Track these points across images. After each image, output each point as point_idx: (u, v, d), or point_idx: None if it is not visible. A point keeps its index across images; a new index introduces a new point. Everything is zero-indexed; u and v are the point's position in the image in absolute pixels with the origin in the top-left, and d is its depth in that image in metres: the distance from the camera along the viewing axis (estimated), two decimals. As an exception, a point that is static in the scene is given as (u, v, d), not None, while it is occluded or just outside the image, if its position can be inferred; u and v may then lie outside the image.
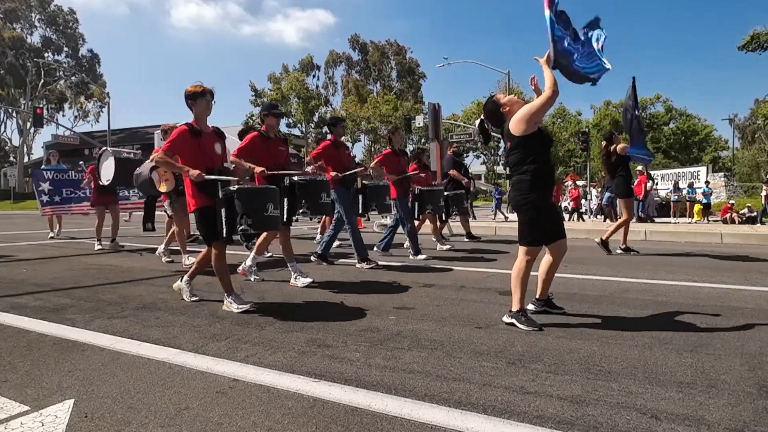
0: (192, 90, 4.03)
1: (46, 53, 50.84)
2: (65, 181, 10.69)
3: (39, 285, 5.09)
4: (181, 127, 4.00)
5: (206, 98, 4.04)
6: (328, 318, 3.70)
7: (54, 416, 2.07)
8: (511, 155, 3.60)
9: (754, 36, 25.64)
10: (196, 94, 4.02)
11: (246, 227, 3.85)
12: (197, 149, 3.98)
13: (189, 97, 4.02)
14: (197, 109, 4.04)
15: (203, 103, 4.03)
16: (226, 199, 3.82)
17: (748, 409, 2.10)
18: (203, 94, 4.02)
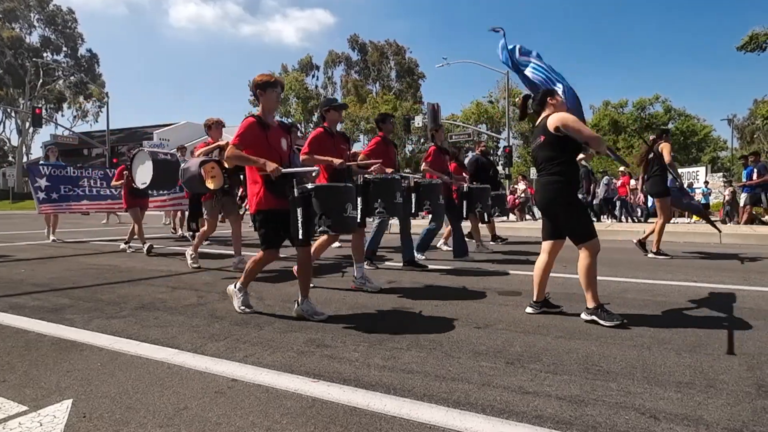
0: (262, 79, 3.73)
1: (45, 53, 50.78)
2: (63, 177, 10.19)
3: (37, 285, 5.09)
4: (248, 120, 3.70)
5: (276, 90, 3.75)
6: (326, 318, 3.70)
7: (52, 416, 2.06)
8: (542, 151, 3.62)
9: (753, 36, 25.68)
10: (266, 84, 3.71)
11: (325, 228, 3.60)
12: (265, 143, 3.66)
13: (258, 87, 3.71)
14: (265, 101, 3.74)
15: (273, 95, 3.74)
16: (303, 198, 3.53)
17: (746, 409, 2.10)
18: (274, 85, 3.72)
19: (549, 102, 3.72)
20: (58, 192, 10.02)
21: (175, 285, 5.12)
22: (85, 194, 10.42)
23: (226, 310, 3.94)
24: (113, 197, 10.67)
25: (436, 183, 6.38)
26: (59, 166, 10.35)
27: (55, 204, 9.99)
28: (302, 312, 3.70)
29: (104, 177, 10.80)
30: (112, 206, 11.19)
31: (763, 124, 39.33)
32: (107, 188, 10.64)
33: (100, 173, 10.90)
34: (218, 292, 4.72)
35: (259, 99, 3.77)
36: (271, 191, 3.60)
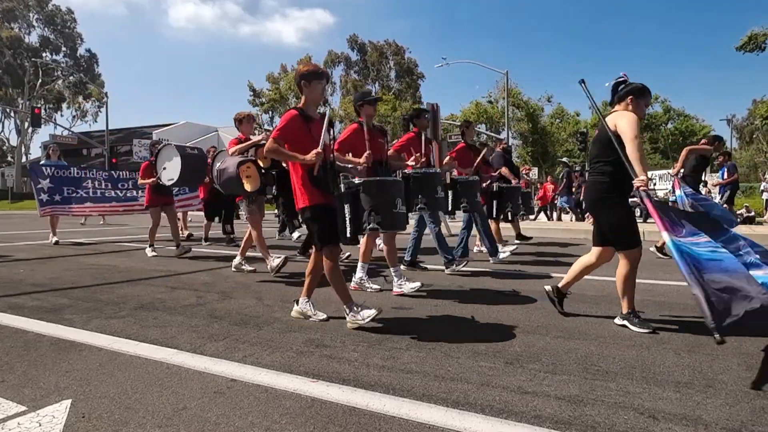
0: (308, 70, 3.53)
1: (44, 53, 50.71)
2: (66, 178, 9.71)
3: (37, 285, 5.08)
4: (290, 112, 3.50)
5: (322, 82, 3.56)
6: (326, 319, 3.70)
7: (51, 416, 2.06)
8: (594, 146, 3.56)
9: (752, 37, 25.68)
10: (312, 75, 3.51)
11: (375, 226, 3.41)
12: (308, 137, 3.43)
13: (303, 78, 3.52)
14: (310, 93, 3.54)
15: (318, 87, 3.55)
16: (350, 194, 3.36)
17: (745, 409, 2.10)
18: (320, 76, 3.53)
19: (627, 101, 3.49)
20: (61, 194, 9.60)
21: (174, 285, 5.12)
22: (88, 196, 9.97)
23: (225, 310, 3.94)
24: (118, 199, 10.33)
25: (474, 180, 6.14)
26: (62, 166, 9.92)
27: (57, 206, 9.57)
28: (301, 312, 3.67)
29: (108, 178, 10.45)
30: (116, 209, 10.67)
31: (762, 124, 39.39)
32: (112, 190, 10.30)
33: (104, 174, 10.54)
34: (217, 292, 4.72)
35: (302, 90, 3.57)
36: (316, 185, 3.38)
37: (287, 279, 5.51)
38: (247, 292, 4.73)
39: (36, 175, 9.46)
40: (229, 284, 5.15)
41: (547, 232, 11.51)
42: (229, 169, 5.28)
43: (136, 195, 10.26)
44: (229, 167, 5.29)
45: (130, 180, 10.47)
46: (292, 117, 3.46)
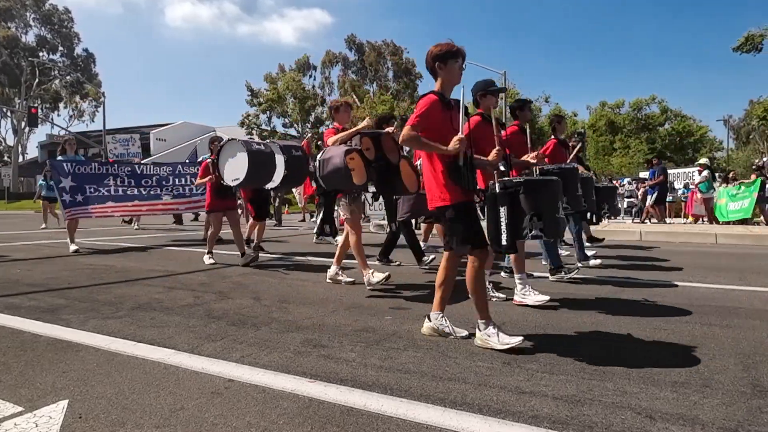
0: (442, 50, 3.11)
1: (41, 52, 50.54)
2: (88, 175, 8.59)
3: (33, 285, 5.07)
4: (429, 97, 3.11)
5: (458, 61, 3.14)
6: (323, 318, 3.70)
7: (48, 417, 2.06)
8: None
9: (749, 37, 25.76)
10: (447, 55, 3.11)
11: (538, 233, 2.98)
12: (448, 125, 3.07)
13: (438, 59, 3.11)
14: (446, 75, 3.14)
15: (455, 68, 3.13)
16: (508, 195, 2.96)
17: (741, 409, 2.11)
18: (456, 55, 3.11)
19: None
20: (83, 193, 8.49)
21: (172, 285, 5.11)
22: (110, 194, 8.86)
23: (222, 311, 3.93)
24: (141, 197, 9.32)
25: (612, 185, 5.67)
26: (82, 162, 8.83)
27: (80, 207, 8.45)
28: (435, 329, 3.22)
29: (131, 174, 9.33)
30: (139, 209, 9.60)
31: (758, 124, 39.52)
32: (135, 187, 9.26)
33: (127, 170, 9.38)
34: (215, 292, 4.71)
35: (437, 74, 3.16)
36: (458, 182, 2.99)
37: (283, 279, 5.50)
38: (245, 292, 4.73)
39: (57, 172, 8.37)
40: (226, 284, 5.14)
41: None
42: (334, 160, 4.55)
43: (159, 193, 9.45)
44: (335, 157, 4.56)
45: (154, 176, 9.55)
46: (432, 102, 3.06)
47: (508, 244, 2.97)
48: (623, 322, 3.53)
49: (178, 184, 9.68)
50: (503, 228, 2.95)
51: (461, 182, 2.97)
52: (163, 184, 9.54)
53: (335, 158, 4.52)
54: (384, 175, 4.80)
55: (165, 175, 9.63)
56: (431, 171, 3.12)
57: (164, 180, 9.58)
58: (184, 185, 9.72)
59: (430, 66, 3.19)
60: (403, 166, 4.89)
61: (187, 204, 9.78)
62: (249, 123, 44.30)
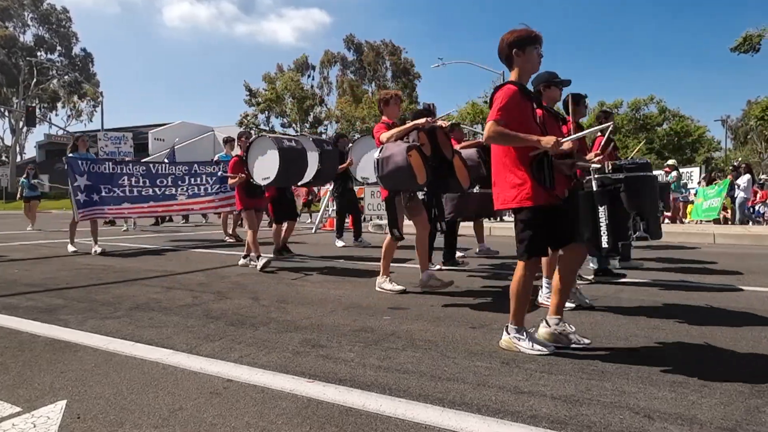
0: (520, 35, 2.86)
1: (39, 52, 50.45)
2: (102, 174, 8.22)
3: (31, 285, 5.06)
4: (509, 87, 2.84)
5: (537, 48, 2.91)
6: (322, 318, 3.70)
7: (46, 417, 2.05)
8: None
9: (747, 38, 25.81)
10: (526, 40, 2.86)
11: (643, 234, 2.80)
12: (530, 118, 2.87)
13: (515, 45, 2.85)
14: (524, 62, 2.90)
15: (534, 55, 2.90)
16: (607, 193, 2.75)
17: (740, 408, 2.11)
18: (534, 41, 2.88)
19: None
20: (99, 193, 8.11)
21: (170, 285, 5.10)
22: (125, 195, 8.48)
23: (221, 311, 3.93)
24: (156, 198, 8.93)
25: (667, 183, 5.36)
26: (97, 160, 8.51)
27: (96, 207, 8.08)
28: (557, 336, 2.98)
29: (146, 173, 8.95)
30: (154, 209, 9.39)
31: (756, 124, 39.55)
32: (150, 187, 8.88)
33: (141, 169, 8.98)
34: (213, 292, 4.71)
35: (513, 62, 2.89)
36: (540, 182, 2.77)
37: (281, 279, 5.50)
38: (243, 292, 4.72)
39: (72, 170, 7.92)
40: (225, 284, 5.14)
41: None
42: (396, 158, 4.18)
43: (174, 193, 9.07)
44: (396, 155, 4.19)
45: (169, 176, 9.14)
46: (513, 93, 2.81)
47: (609, 246, 2.73)
48: (621, 322, 3.54)
49: (193, 184, 9.31)
50: (603, 229, 2.71)
51: (544, 183, 2.77)
52: (178, 183, 9.13)
53: (397, 156, 4.18)
54: (438, 172, 4.52)
55: (180, 175, 9.23)
56: (508, 166, 2.85)
57: (179, 179, 9.19)
58: (200, 185, 9.36)
59: (506, 54, 2.91)
60: (455, 161, 4.70)
61: (202, 204, 9.41)
62: (247, 123, 44.31)
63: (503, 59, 2.95)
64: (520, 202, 2.81)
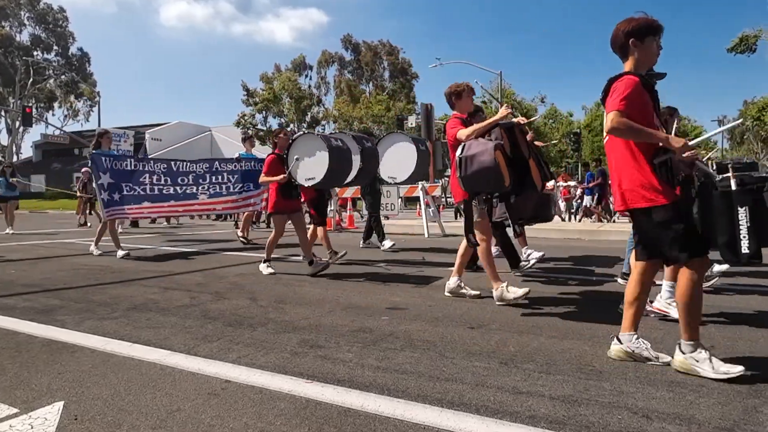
0: (640, 24, 2.67)
1: (36, 52, 50.34)
2: (124, 172, 7.79)
3: (28, 286, 5.04)
4: (631, 78, 2.62)
5: (657, 39, 2.71)
6: (320, 319, 3.69)
7: (43, 419, 2.05)
8: None
9: (743, 38, 25.93)
10: (646, 30, 2.67)
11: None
12: (653, 114, 2.66)
13: (634, 35, 2.67)
14: (642, 54, 2.70)
15: (652, 46, 2.70)
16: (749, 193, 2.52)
17: (737, 408, 2.12)
18: (656, 31, 2.69)
19: None
20: (120, 191, 7.73)
21: (168, 286, 5.09)
22: (146, 194, 8.03)
23: (219, 311, 3.92)
24: (176, 197, 8.45)
25: None
26: (119, 157, 8.06)
27: (118, 207, 7.67)
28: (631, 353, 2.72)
29: (167, 171, 8.44)
30: (174, 209, 8.89)
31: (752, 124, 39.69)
32: (171, 186, 8.38)
33: (162, 167, 8.47)
34: (211, 292, 4.70)
35: (629, 52, 2.71)
36: (668, 179, 2.57)
37: (278, 279, 5.50)
38: (241, 292, 4.72)
39: (96, 167, 7.55)
40: (222, 285, 5.13)
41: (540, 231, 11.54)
42: (482, 157, 3.80)
43: (195, 192, 8.58)
44: (483, 154, 3.81)
45: (190, 174, 8.63)
46: (636, 84, 2.59)
47: (751, 252, 2.49)
48: (619, 323, 3.54)
49: (214, 182, 8.79)
50: (743, 233, 2.48)
51: (670, 180, 2.57)
52: (199, 182, 8.63)
53: (484, 156, 3.79)
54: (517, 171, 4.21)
55: (201, 173, 8.74)
56: (632, 164, 2.64)
57: (201, 178, 8.69)
58: (221, 183, 8.85)
59: (621, 42, 2.71)
60: (531, 161, 4.42)
61: (224, 204, 8.91)
62: (245, 123, 44.25)
63: (617, 49, 2.77)
64: (656, 201, 2.57)
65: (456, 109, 4.51)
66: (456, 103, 4.48)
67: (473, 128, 4.11)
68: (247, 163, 9.02)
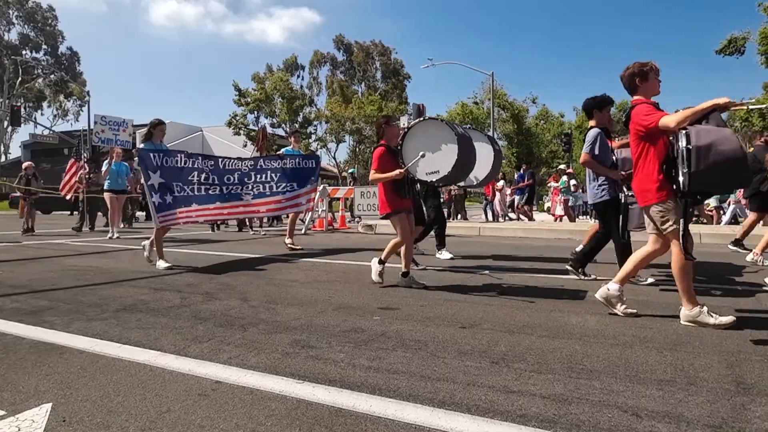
0: None
1: (24, 51, 49.87)
2: (173, 170, 6.64)
3: (16, 287, 4.99)
4: None
5: None
6: (312, 319, 3.68)
7: (31, 420, 2.02)
8: None
9: (732, 40, 26.25)
10: None
11: None
12: None
13: None
14: None
15: None
16: None
17: (726, 406, 2.14)
18: None
19: None
20: (172, 192, 6.58)
21: (158, 286, 5.06)
22: (194, 195, 6.91)
23: (209, 312, 3.90)
24: (222, 198, 7.26)
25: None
26: (170, 152, 6.87)
27: (170, 212, 6.52)
28: None
29: (215, 169, 7.24)
30: (220, 212, 7.53)
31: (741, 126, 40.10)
32: (217, 186, 7.22)
33: (210, 164, 7.24)
34: (201, 293, 4.67)
35: None
36: None
37: (271, 279, 5.48)
38: (232, 293, 4.69)
39: (145, 165, 6.40)
40: (213, 285, 5.10)
41: (531, 232, 11.60)
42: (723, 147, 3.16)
43: (240, 192, 7.51)
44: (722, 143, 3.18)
45: (236, 172, 7.52)
46: None
47: None
48: (608, 321, 3.57)
49: (258, 182, 7.79)
50: None
51: None
52: (244, 181, 7.59)
53: (726, 144, 3.16)
54: None
55: (247, 171, 7.69)
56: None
57: (246, 176, 7.64)
58: (265, 182, 7.83)
59: None
60: None
61: (269, 205, 7.87)
62: (236, 123, 44.04)
63: None
64: None
65: (639, 93, 3.81)
66: (640, 86, 3.80)
67: (686, 113, 3.39)
68: (292, 161, 8.14)
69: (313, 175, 8.09)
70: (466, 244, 9.40)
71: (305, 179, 8.01)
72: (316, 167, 8.26)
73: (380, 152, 4.97)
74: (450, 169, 4.52)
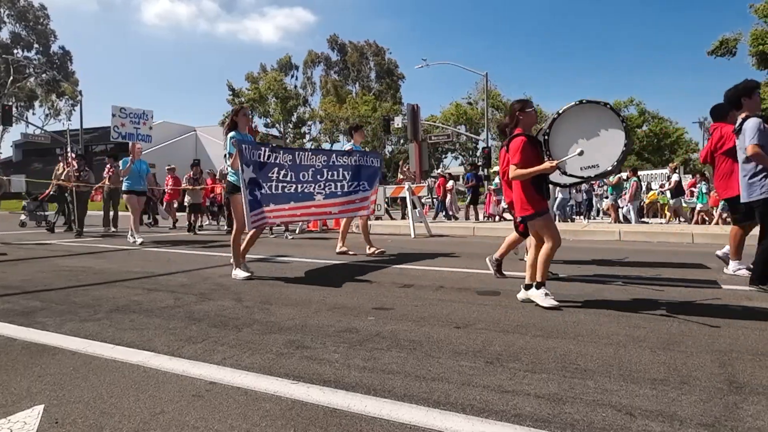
0: None
1: (16, 50, 49.49)
2: (258, 164, 5.80)
3: (7, 287, 4.94)
4: None
5: None
6: (306, 319, 3.68)
7: (23, 422, 2.01)
8: None
9: (723, 41, 26.48)
10: None
11: None
12: None
13: None
14: None
15: None
16: None
17: (718, 405, 2.15)
18: None
19: None
20: (260, 188, 5.80)
21: (151, 287, 5.03)
22: (271, 193, 6.00)
23: (203, 312, 3.88)
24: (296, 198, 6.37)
25: None
26: (255, 144, 6.04)
27: (258, 211, 5.70)
28: None
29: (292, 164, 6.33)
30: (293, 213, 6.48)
31: (733, 127, 40.42)
32: (293, 183, 6.32)
33: (288, 158, 6.33)
34: (195, 293, 4.66)
35: None
36: None
37: (265, 279, 5.46)
38: (226, 293, 4.68)
39: (243, 158, 5.56)
40: (207, 286, 5.08)
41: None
42: None
43: (312, 192, 6.65)
44: None
45: (310, 168, 6.60)
46: None
47: None
48: (603, 321, 3.58)
49: (330, 180, 6.91)
50: None
51: None
52: (317, 178, 6.71)
53: None
54: None
55: (320, 167, 6.78)
56: None
57: (318, 174, 6.74)
58: (336, 180, 6.98)
59: None
60: None
61: (339, 206, 7.05)
62: (231, 122, 43.86)
63: None
64: None
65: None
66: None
67: None
68: (361, 158, 7.38)
69: (378, 175, 7.47)
70: (461, 246, 9.40)
71: (372, 179, 7.33)
72: (379, 166, 7.66)
73: (522, 143, 4.07)
74: (613, 164, 3.81)
